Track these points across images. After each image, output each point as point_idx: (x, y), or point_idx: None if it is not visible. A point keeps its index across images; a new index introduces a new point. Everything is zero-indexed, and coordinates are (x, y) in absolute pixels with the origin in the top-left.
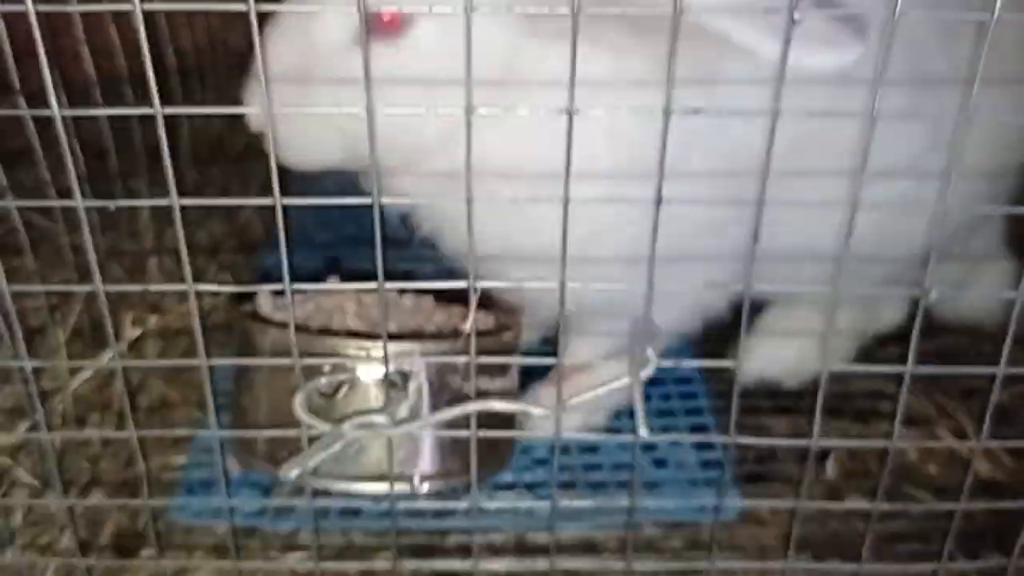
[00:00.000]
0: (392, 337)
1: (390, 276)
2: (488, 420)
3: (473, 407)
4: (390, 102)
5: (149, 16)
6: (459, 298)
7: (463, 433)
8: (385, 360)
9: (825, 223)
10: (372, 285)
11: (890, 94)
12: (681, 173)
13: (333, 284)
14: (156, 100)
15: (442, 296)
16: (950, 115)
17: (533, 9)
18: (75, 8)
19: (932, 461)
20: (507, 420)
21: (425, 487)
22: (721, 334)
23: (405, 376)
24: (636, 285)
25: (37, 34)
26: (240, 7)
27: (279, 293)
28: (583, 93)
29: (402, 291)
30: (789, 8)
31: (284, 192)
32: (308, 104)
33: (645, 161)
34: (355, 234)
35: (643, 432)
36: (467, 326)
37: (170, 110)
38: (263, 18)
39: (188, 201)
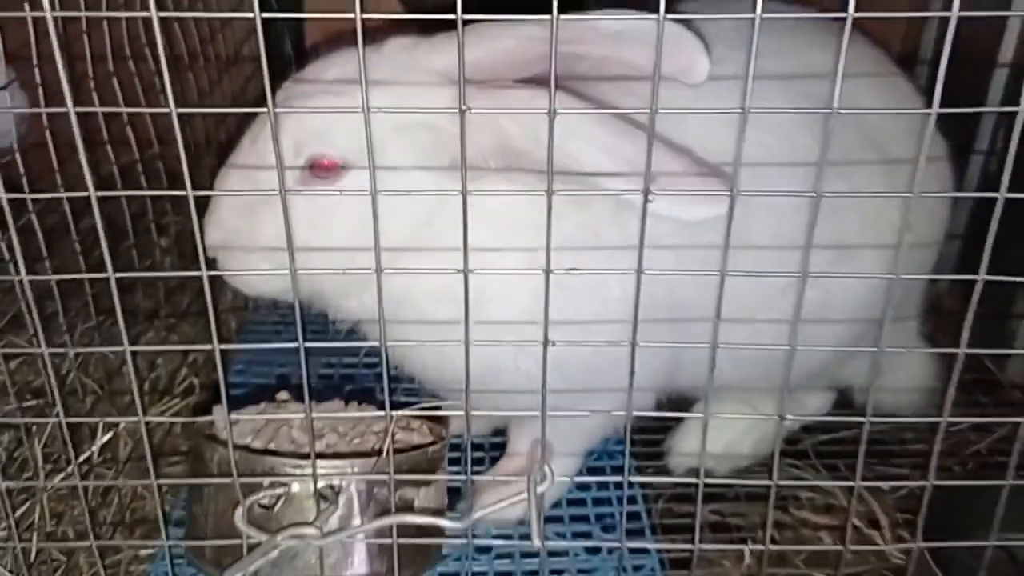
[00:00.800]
0: (329, 453)
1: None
2: (416, 526)
3: (392, 520)
4: (329, 235)
5: None
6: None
7: (386, 541)
8: (314, 479)
9: (738, 332)
10: (302, 415)
11: (791, 218)
12: (602, 303)
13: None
14: (110, 266)
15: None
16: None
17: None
18: None
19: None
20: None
21: None
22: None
23: (336, 489)
24: (534, 408)
25: None
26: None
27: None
28: (499, 228)
29: (347, 402)
30: (646, 178)
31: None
32: (257, 239)
33: (563, 292)
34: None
35: (536, 542)
36: (389, 446)
37: (120, 275)
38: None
39: (139, 348)
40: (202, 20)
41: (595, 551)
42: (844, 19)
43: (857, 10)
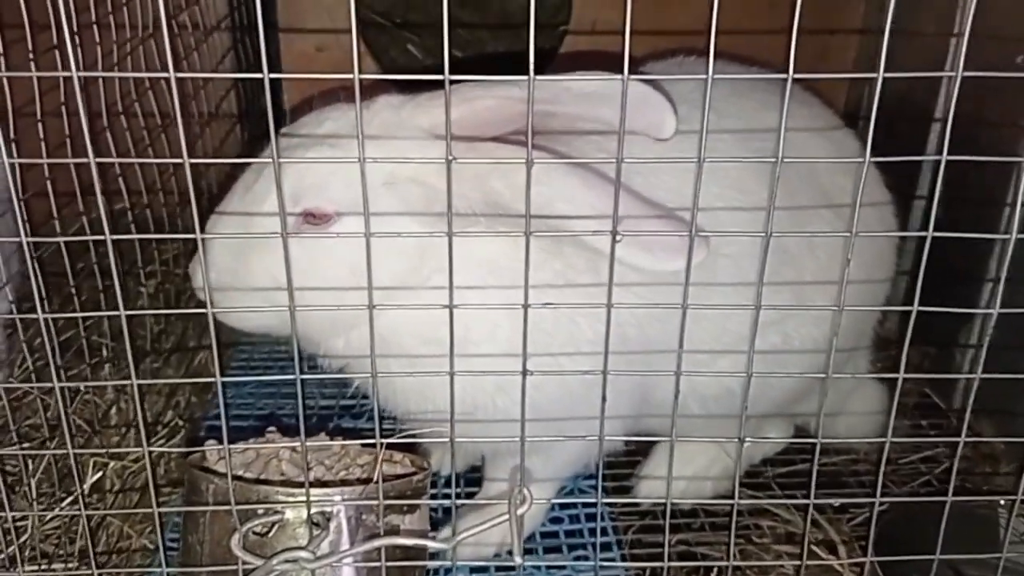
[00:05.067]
0: (318, 482)
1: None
2: (402, 550)
3: (381, 542)
4: (320, 278)
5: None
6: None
7: (375, 564)
8: (307, 505)
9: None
10: (296, 443)
11: (751, 266)
12: (575, 343)
13: (264, 444)
14: (121, 304)
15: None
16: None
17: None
18: None
19: (807, 573)
20: (419, 549)
21: None
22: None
23: (327, 516)
24: (513, 437)
25: None
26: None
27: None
28: (483, 272)
29: (331, 438)
30: (614, 220)
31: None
32: (248, 279)
33: (540, 333)
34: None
35: (518, 559)
36: (379, 473)
37: (130, 312)
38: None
39: (146, 381)
40: (185, 79)
41: None
42: (786, 79)
43: (805, 71)
